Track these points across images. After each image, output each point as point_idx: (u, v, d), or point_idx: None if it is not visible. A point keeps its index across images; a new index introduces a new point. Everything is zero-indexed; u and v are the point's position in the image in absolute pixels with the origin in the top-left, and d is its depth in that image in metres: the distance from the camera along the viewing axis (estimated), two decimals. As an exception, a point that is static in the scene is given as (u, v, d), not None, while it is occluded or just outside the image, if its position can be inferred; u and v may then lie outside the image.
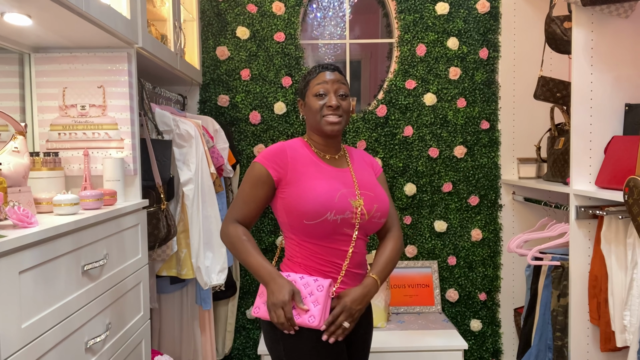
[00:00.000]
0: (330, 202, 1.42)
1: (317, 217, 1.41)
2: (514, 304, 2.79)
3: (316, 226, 1.42)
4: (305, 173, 1.46)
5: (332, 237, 1.45)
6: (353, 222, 1.45)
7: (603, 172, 1.85)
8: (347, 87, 1.53)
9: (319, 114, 1.49)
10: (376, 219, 1.50)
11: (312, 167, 1.49)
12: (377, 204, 1.50)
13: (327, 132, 1.50)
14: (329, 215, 1.41)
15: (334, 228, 1.44)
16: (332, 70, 1.52)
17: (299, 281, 1.41)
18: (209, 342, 2.30)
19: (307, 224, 1.42)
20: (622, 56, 1.89)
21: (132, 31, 1.66)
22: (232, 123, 2.71)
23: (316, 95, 1.50)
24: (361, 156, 1.65)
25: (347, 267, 1.47)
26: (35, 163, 1.52)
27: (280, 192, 1.48)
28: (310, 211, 1.40)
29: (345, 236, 1.47)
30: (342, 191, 1.45)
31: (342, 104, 1.50)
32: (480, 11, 2.70)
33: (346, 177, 1.51)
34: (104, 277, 1.42)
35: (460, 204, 2.76)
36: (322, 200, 1.41)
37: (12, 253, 1.02)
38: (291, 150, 1.51)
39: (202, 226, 2.00)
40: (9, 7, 1.29)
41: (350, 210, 1.44)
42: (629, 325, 1.70)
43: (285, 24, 2.68)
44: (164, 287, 2.10)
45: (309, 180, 1.45)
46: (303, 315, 1.36)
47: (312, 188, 1.43)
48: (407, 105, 2.72)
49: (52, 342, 1.16)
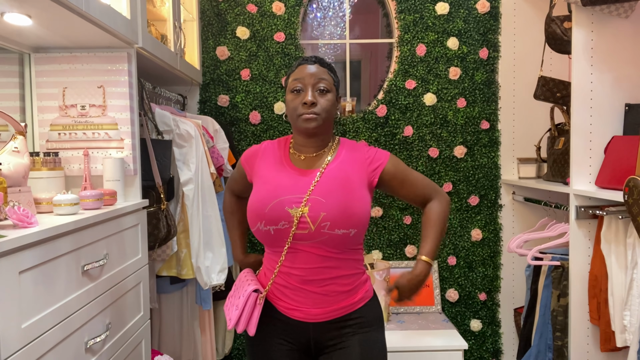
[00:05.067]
0: (260, 211, 1.32)
1: (252, 225, 1.36)
2: (514, 304, 2.79)
3: (255, 233, 1.36)
4: (261, 177, 1.40)
5: (274, 247, 1.37)
6: (289, 234, 1.32)
7: (603, 172, 1.85)
8: (330, 80, 1.37)
9: (295, 112, 1.35)
10: (326, 229, 1.29)
11: (271, 170, 1.40)
12: (325, 212, 1.29)
13: (303, 131, 1.37)
14: (260, 225, 1.33)
15: (271, 239, 1.35)
16: (312, 63, 1.37)
17: (244, 284, 1.40)
18: (209, 342, 2.30)
19: (256, 229, 1.36)
20: (622, 56, 1.89)
21: (132, 31, 1.66)
22: (232, 123, 2.71)
23: (292, 92, 1.36)
24: (353, 152, 1.43)
25: (289, 281, 1.35)
26: (35, 163, 1.52)
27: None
28: (248, 218, 1.37)
29: (279, 250, 1.36)
30: (281, 199, 1.31)
31: (320, 100, 1.34)
32: (480, 11, 2.70)
33: (302, 182, 1.35)
34: (104, 277, 1.42)
35: (460, 204, 2.76)
36: (253, 209, 1.34)
37: (12, 253, 1.02)
38: (264, 151, 1.46)
39: (202, 226, 2.00)
40: (9, 7, 1.29)
41: (288, 220, 1.30)
42: (629, 325, 1.70)
43: (285, 24, 2.68)
44: (164, 287, 2.10)
45: (257, 185, 1.40)
46: (229, 314, 1.38)
47: (254, 194, 1.38)
48: (407, 105, 2.72)
49: (52, 342, 1.16)
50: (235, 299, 1.40)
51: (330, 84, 1.37)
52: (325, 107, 1.35)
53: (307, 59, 1.41)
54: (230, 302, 1.42)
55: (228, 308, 1.42)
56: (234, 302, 1.40)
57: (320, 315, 1.36)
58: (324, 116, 1.35)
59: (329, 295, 1.35)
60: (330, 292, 1.35)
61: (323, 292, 1.34)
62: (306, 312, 1.36)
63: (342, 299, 1.37)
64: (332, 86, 1.38)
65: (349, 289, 1.37)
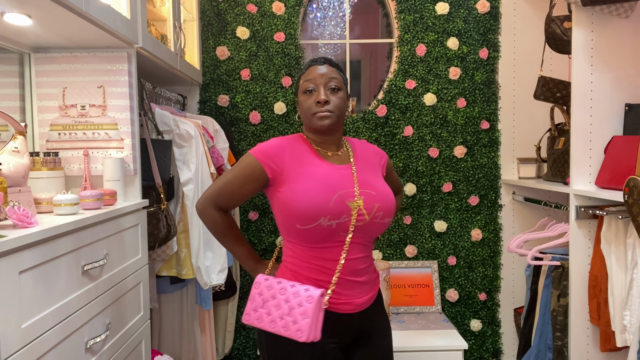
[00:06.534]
0: (325, 206, 1.31)
1: (310, 222, 1.30)
2: (514, 304, 2.79)
3: (308, 231, 1.32)
4: (302, 172, 1.36)
5: (326, 242, 1.35)
6: (348, 229, 1.34)
7: (603, 172, 1.84)
8: (340, 79, 1.43)
9: (310, 111, 1.40)
10: (379, 219, 1.38)
11: (310, 166, 1.39)
12: (378, 202, 1.38)
13: (318, 128, 1.41)
14: (323, 220, 1.30)
15: (328, 234, 1.33)
16: (322, 64, 1.43)
17: (289, 290, 1.31)
18: (209, 342, 2.30)
19: (300, 228, 1.32)
20: (622, 56, 1.89)
21: (132, 31, 1.66)
22: (232, 123, 2.71)
23: (305, 92, 1.42)
24: (364, 147, 1.54)
25: (340, 274, 1.35)
26: (35, 163, 1.52)
27: (276, 192, 1.38)
28: (302, 215, 1.30)
29: (335, 244, 1.36)
30: (340, 193, 1.34)
31: (332, 98, 1.40)
32: (480, 11, 2.70)
33: (346, 176, 1.40)
34: (104, 277, 1.42)
35: (460, 204, 2.76)
36: (315, 204, 1.30)
37: (12, 253, 1.02)
38: (290, 147, 1.41)
39: (202, 226, 2.00)
40: (9, 7, 1.29)
41: (348, 213, 1.33)
42: (629, 325, 1.70)
43: (285, 24, 2.68)
44: (164, 287, 2.10)
45: (304, 180, 1.35)
46: (291, 327, 1.27)
47: (306, 190, 1.32)
48: (407, 105, 2.72)
49: (52, 342, 1.16)
50: (284, 309, 1.30)
51: (340, 82, 1.43)
52: (338, 104, 1.41)
53: (316, 60, 1.46)
54: (271, 313, 1.31)
55: (272, 320, 1.30)
56: (281, 313, 1.29)
57: (364, 304, 1.41)
58: (337, 113, 1.42)
59: (367, 283, 1.43)
60: (368, 280, 1.43)
61: (364, 281, 1.41)
62: (354, 304, 1.39)
63: (374, 285, 1.47)
64: (342, 84, 1.44)
65: (376, 275, 1.49)
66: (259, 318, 1.34)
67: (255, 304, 1.36)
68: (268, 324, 1.32)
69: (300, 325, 1.26)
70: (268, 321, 1.32)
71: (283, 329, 1.29)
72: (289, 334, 1.28)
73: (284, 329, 1.29)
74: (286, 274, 1.41)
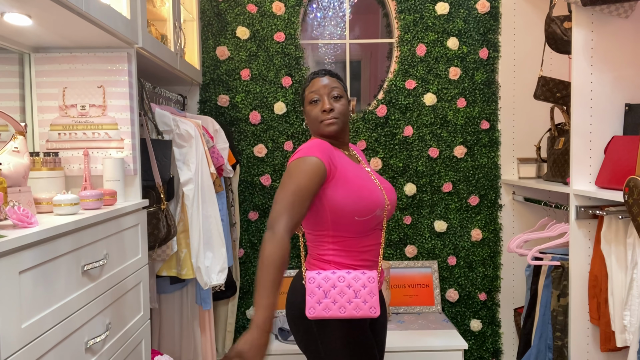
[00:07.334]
0: (381, 199, 1.48)
1: (369, 213, 1.45)
2: (514, 304, 2.79)
3: (364, 222, 1.46)
4: (349, 170, 1.50)
5: (374, 229, 1.51)
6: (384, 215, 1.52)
7: (603, 172, 1.85)
8: (340, 87, 1.57)
9: (317, 119, 1.54)
10: (392, 205, 1.57)
11: (350, 165, 1.53)
12: (393, 195, 1.58)
13: (327, 134, 1.54)
14: (378, 211, 1.47)
15: (378, 222, 1.50)
16: (323, 75, 1.58)
17: (347, 276, 1.43)
18: (209, 342, 2.30)
19: (358, 220, 1.45)
20: (622, 56, 1.89)
21: (132, 31, 1.66)
22: (232, 123, 2.71)
23: (311, 103, 1.56)
24: (356, 148, 1.73)
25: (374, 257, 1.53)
26: (35, 163, 1.52)
27: (327, 189, 1.43)
28: (364, 208, 1.44)
29: (377, 230, 1.53)
30: (380, 186, 1.54)
31: (336, 106, 1.54)
32: (480, 11, 2.70)
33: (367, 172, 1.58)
34: (104, 277, 1.42)
35: (460, 204, 2.76)
36: (373, 199, 1.46)
37: (12, 253, 1.02)
38: (330, 148, 1.50)
39: (202, 226, 2.00)
40: (9, 7, 1.29)
41: (384, 204, 1.51)
42: (629, 325, 1.70)
43: (285, 24, 2.68)
44: (164, 287, 2.10)
45: (357, 178, 1.49)
46: (364, 307, 1.40)
47: (365, 186, 1.49)
48: (407, 105, 2.72)
49: (52, 342, 1.16)
50: (349, 294, 1.40)
51: (341, 90, 1.57)
52: (342, 110, 1.55)
53: (317, 72, 1.60)
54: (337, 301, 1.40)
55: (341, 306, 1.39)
56: (348, 297, 1.40)
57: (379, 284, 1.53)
58: (342, 119, 1.55)
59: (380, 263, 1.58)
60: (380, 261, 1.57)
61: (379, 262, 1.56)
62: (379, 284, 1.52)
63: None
64: (343, 92, 1.58)
65: None
66: (326, 308, 1.41)
67: (317, 297, 1.42)
68: (337, 310, 1.40)
69: (372, 303, 1.41)
70: (337, 308, 1.40)
71: (355, 311, 1.40)
72: (362, 314, 1.40)
73: (356, 310, 1.40)
74: (325, 267, 1.49)
